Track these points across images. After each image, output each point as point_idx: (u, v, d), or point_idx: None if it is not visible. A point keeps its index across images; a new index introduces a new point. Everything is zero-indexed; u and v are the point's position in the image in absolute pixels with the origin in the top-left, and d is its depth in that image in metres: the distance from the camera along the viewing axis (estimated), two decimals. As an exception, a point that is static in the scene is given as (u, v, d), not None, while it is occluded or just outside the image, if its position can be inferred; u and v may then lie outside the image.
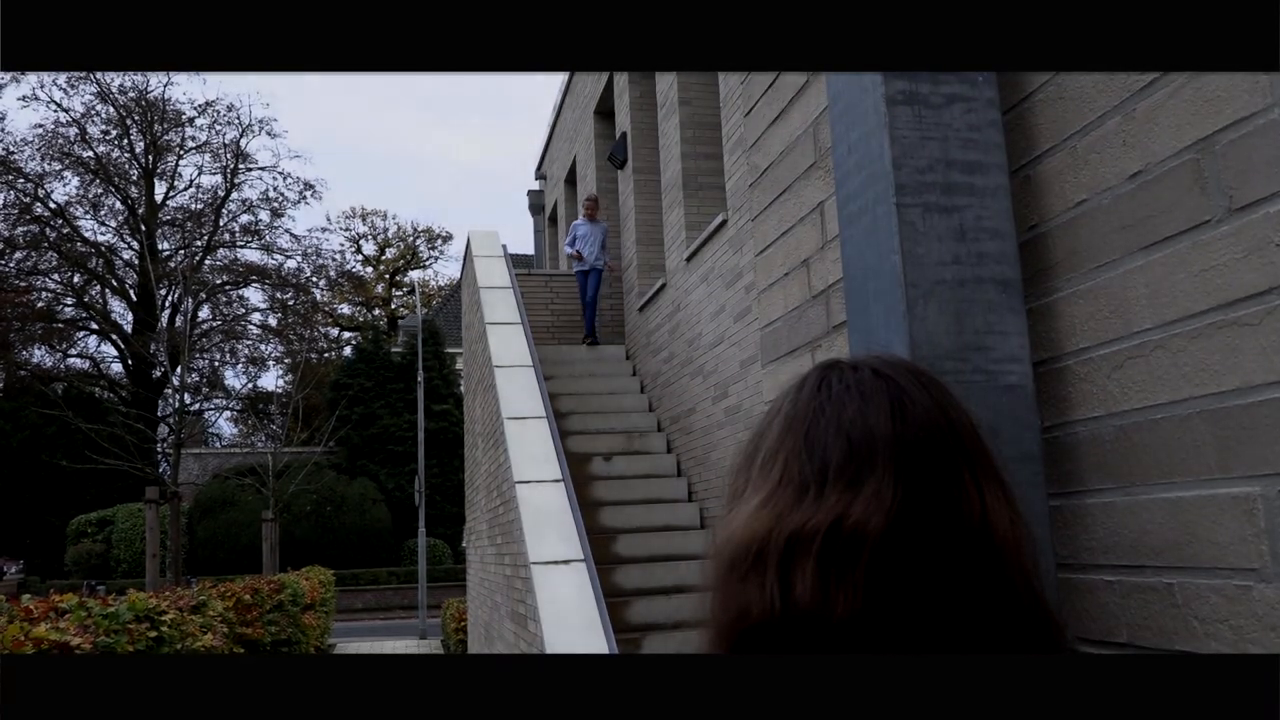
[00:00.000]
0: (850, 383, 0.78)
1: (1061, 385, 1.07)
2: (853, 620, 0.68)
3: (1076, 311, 1.04)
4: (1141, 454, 0.96)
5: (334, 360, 34.52)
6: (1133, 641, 0.97)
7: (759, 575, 0.71)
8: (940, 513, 0.71)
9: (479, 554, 9.34)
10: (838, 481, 0.72)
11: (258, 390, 33.87)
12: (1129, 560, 0.97)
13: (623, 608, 6.80)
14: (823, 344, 1.66)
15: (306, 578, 14.52)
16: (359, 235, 45.58)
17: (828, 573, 0.69)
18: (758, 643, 0.70)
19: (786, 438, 0.77)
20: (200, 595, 7.97)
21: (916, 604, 0.68)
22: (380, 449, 28.91)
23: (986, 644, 0.69)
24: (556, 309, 11.51)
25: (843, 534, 0.69)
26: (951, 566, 0.70)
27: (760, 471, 0.77)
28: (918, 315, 1.03)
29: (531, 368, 7.50)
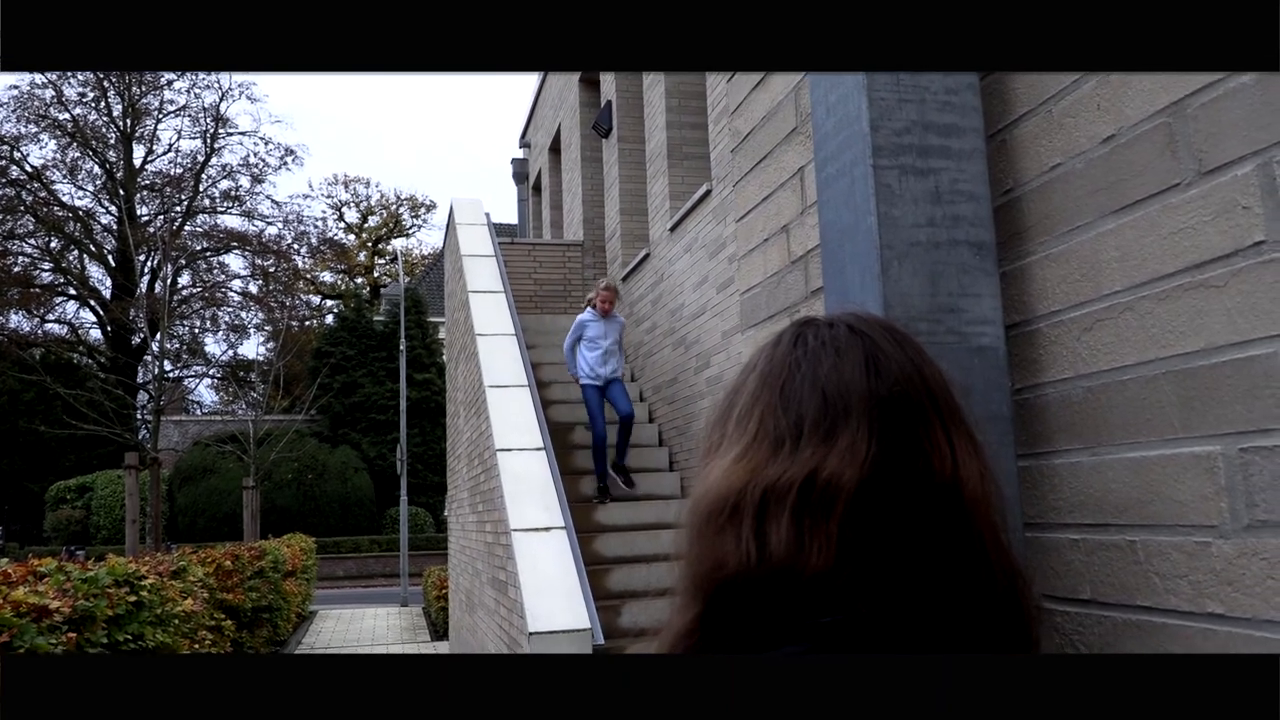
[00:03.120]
0: (826, 338, 0.79)
1: (1032, 348, 1.08)
2: (826, 573, 0.69)
3: (1048, 275, 1.06)
4: (1108, 414, 0.97)
5: (316, 328, 34.31)
6: (1095, 598, 0.99)
7: (735, 528, 0.72)
8: (913, 467, 0.72)
9: (460, 522, 9.37)
10: (812, 435, 0.73)
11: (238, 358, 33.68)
12: (1094, 519, 0.99)
13: (603, 575, 6.84)
14: (801, 309, 1.67)
15: (288, 545, 14.52)
16: (341, 202, 45.22)
17: (802, 525, 0.70)
18: (733, 595, 0.71)
19: (762, 393, 0.78)
20: (180, 561, 7.96)
21: (888, 558, 0.70)
22: (362, 417, 28.86)
23: (955, 599, 0.70)
24: (539, 278, 11.47)
25: (817, 487, 0.70)
26: (923, 521, 0.71)
27: (736, 426, 0.78)
28: (892, 277, 1.03)
29: (514, 336, 7.50)
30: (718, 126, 7.41)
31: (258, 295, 34.25)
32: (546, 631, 4.88)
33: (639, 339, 9.57)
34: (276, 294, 34.54)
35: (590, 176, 11.67)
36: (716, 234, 7.33)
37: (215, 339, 33.27)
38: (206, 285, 33.62)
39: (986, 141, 1.12)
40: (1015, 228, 1.10)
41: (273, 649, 12.36)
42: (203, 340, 33.19)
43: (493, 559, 6.61)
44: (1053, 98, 1.05)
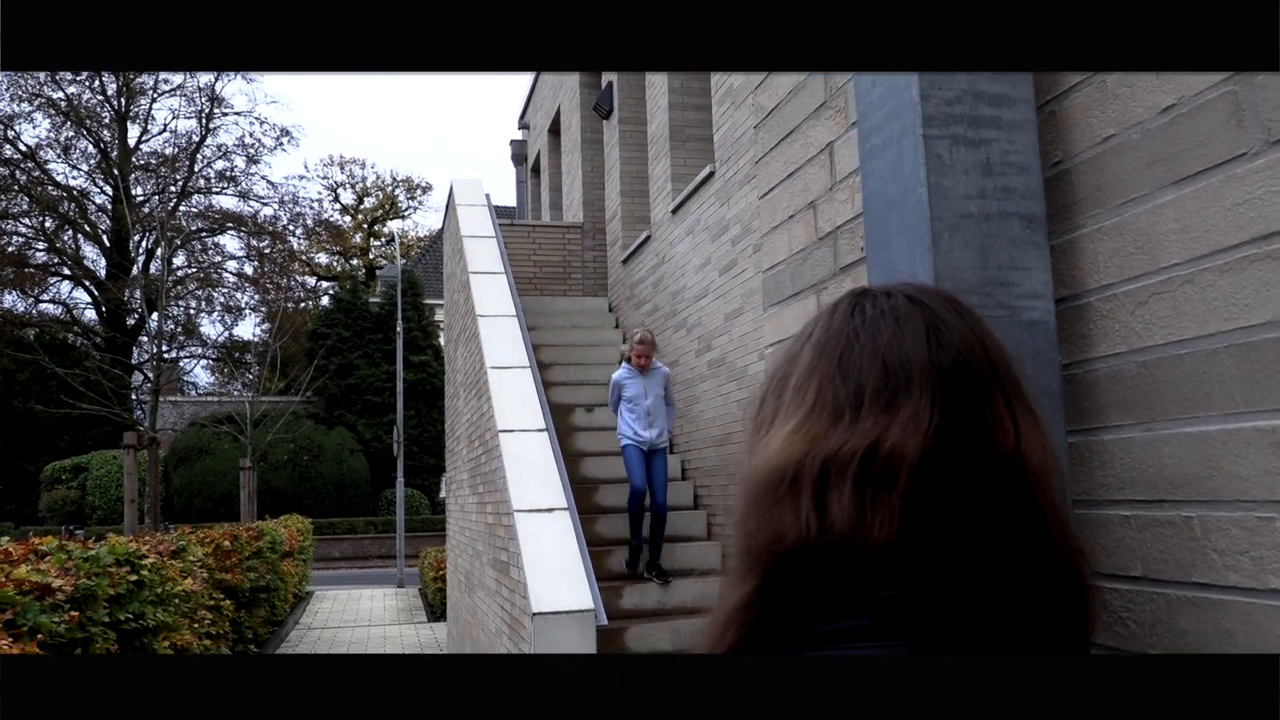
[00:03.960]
0: (884, 308, 0.77)
1: (1081, 322, 1.06)
2: (888, 546, 0.67)
3: (1100, 248, 1.04)
4: (1163, 389, 0.96)
5: (311, 310, 34.20)
6: (1147, 575, 0.98)
7: (794, 500, 0.71)
8: (975, 440, 0.70)
9: (459, 503, 9.36)
10: (874, 405, 0.71)
11: (233, 339, 33.58)
12: (1146, 495, 0.98)
13: (604, 557, 6.85)
14: (829, 286, 1.65)
15: (285, 526, 14.52)
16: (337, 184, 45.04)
17: (864, 497, 0.68)
18: (792, 567, 0.70)
19: (819, 363, 0.76)
20: (180, 541, 7.95)
21: (950, 532, 0.68)
22: (358, 399, 28.82)
23: (1016, 574, 0.69)
24: (539, 260, 11.44)
25: (879, 458, 0.69)
26: (985, 495, 0.69)
27: (793, 397, 0.76)
28: (942, 249, 1.02)
29: (515, 317, 7.47)
30: (721, 108, 7.37)
31: (253, 276, 34.13)
32: (550, 612, 4.88)
33: (639, 321, 9.55)
34: (272, 275, 34.41)
35: (591, 158, 11.61)
36: (719, 216, 7.30)
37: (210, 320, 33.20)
38: (202, 266, 33.49)
39: (1035, 113, 1.10)
40: (1064, 201, 1.08)
41: (270, 629, 12.38)
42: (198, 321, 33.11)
43: (494, 540, 6.61)
44: (1106, 68, 1.03)
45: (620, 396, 6.69)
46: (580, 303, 11.03)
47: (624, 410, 6.68)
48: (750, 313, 6.73)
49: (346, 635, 13.02)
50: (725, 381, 7.22)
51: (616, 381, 6.73)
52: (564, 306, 10.82)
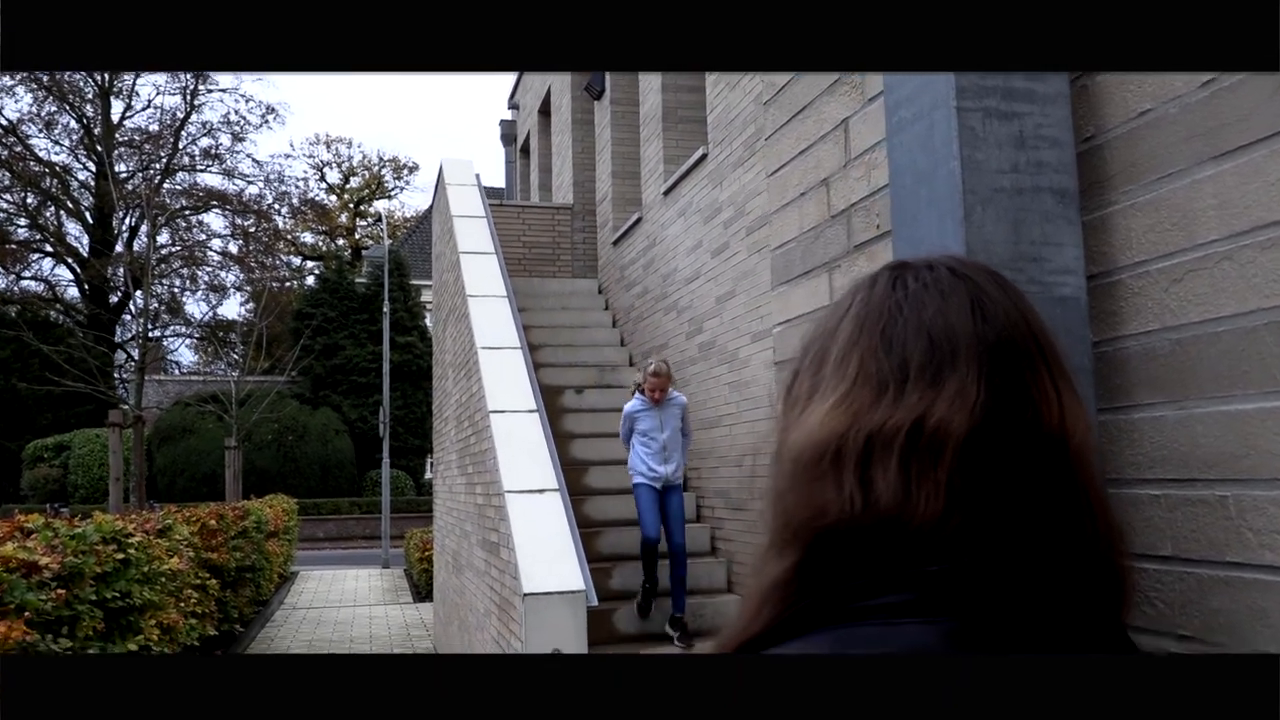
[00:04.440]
0: (928, 281, 0.75)
1: (1112, 300, 1.05)
2: (932, 522, 0.66)
3: (1133, 224, 1.03)
4: (1198, 367, 0.95)
5: (297, 289, 33.98)
6: (1177, 554, 0.97)
7: (836, 475, 0.69)
8: (1021, 416, 0.69)
9: (447, 484, 9.34)
10: (919, 380, 0.70)
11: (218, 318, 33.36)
12: (1178, 474, 0.97)
13: (594, 538, 6.85)
14: (842, 264, 1.64)
15: (270, 505, 14.47)
16: (323, 163, 44.73)
17: (909, 472, 0.67)
18: (833, 543, 0.69)
19: (861, 336, 0.74)
20: (166, 519, 7.91)
21: (995, 509, 0.67)
22: (344, 380, 28.72)
23: (1058, 553, 0.68)
24: (528, 241, 11.39)
25: (925, 433, 0.67)
26: (1029, 472, 0.68)
27: (834, 371, 0.74)
28: (975, 223, 1.00)
29: (506, 298, 7.44)
30: (715, 89, 7.33)
31: (238, 255, 33.88)
32: (541, 593, 4.88)
33: (629, 303, 9.52)
34: (257, 254, 34.16)
35: (581, 139, 11.55)
36: (712, 198, 7.27)
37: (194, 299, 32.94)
38: (186, 244, 33.21)
39: (1069, 86, 1.08)
40: (1096, 176, 1.07)
41: (255, 609, 12.35)
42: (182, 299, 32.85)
43: (483, 521, 6.60)
44: (1142, 41, 1.01)
45: (632, 429, 6.20)
46: (570, 284, 11.00)
47: (637, 444, 6.17)
48: (742, 296, 6.72)
49: (332, 615, 13.00)
50: (716, 364, 7.22)
51: (629, 414, 6.19)
52: (553, 288, 10.78)
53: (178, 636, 7.32)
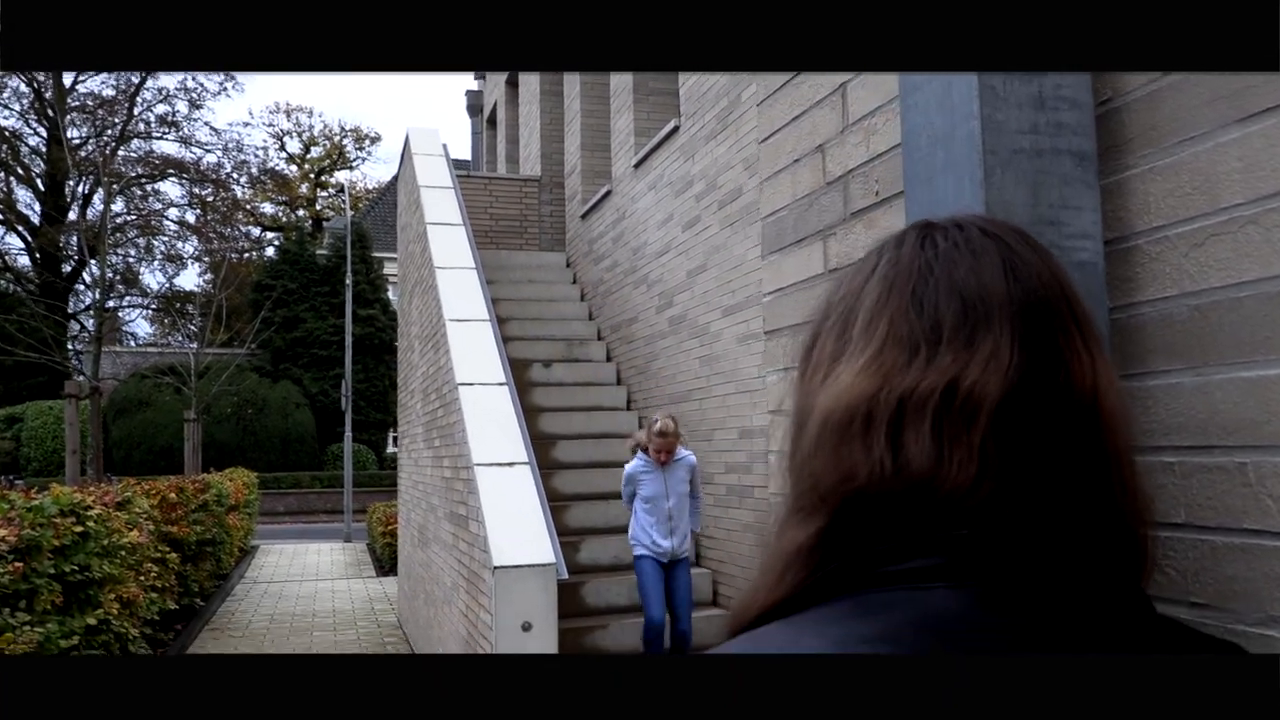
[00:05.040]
0: (958, 240, 0.73)
1: (1127, 265, 1.04)
2: (965, 487, 0.64)
3: (1151, 189, 1.01)
4: (1218, 333, 0.94)
5: (256, 261, 33.43)
6: (1191, 521, 0.97)
7: (866, 438, 0.67)
8: (1055, 379, 0.67)
9: (413, 457, 9.27)
10: (953, 341, 0.67)
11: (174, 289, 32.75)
12: (1194, 441, 0.96)
13: (561, 512, 6.84)
14: (837, 232, 1.62)
15: (231, 479, 14.30)
16: (283, 132, 43.94)
17: (942, 437, 0.65)
18: (861, 508, 0.67)
19: (890, 296, 0.71)
20: (125, 492, 7.77)
21: (1026, 474, 0.65)
22: (304, 353, 28.38)
23: (1089, 520, 0.66)
24: (495, 213, 11.28)
25: (959, 396, 0.65)
26: (1062, 437, 0.66)
27: (862, 333, 0.71)
28: (995, 185, 0.98)
29: (474, 270, 7.35)
30: (688, 61, 7.26)
31: (195, 225, 33.23)
32: (511, 565, 4.86)
33: (598, 277, 9.48)
34: (215, 224, 33.53)
35: (550, 110, 11.43)
36: (684, 171, 7.23)
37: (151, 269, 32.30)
38: (141, 213, 32.49)
39: (1087, 47, 1.06)
40: (1113, 140, 1.05)
41: (216, 583, 12.22)
42: (138, 270, 32.19)
43: (451, 494, 6.55)
44: (1164, 1, 0.99)
45: (637, 490, 5.55)
46: (537, 257, 10.92)
47: (639, 511, 5.54)
48: (713, 270, 6.70)
49: (294, 589, 12.90)
50: (686, 338, 7.20)
51: (631, 476, 5.56)
52: (521, 260, 10.70)
53: (138, 610, 7.21)
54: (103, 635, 6.38)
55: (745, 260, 6.18)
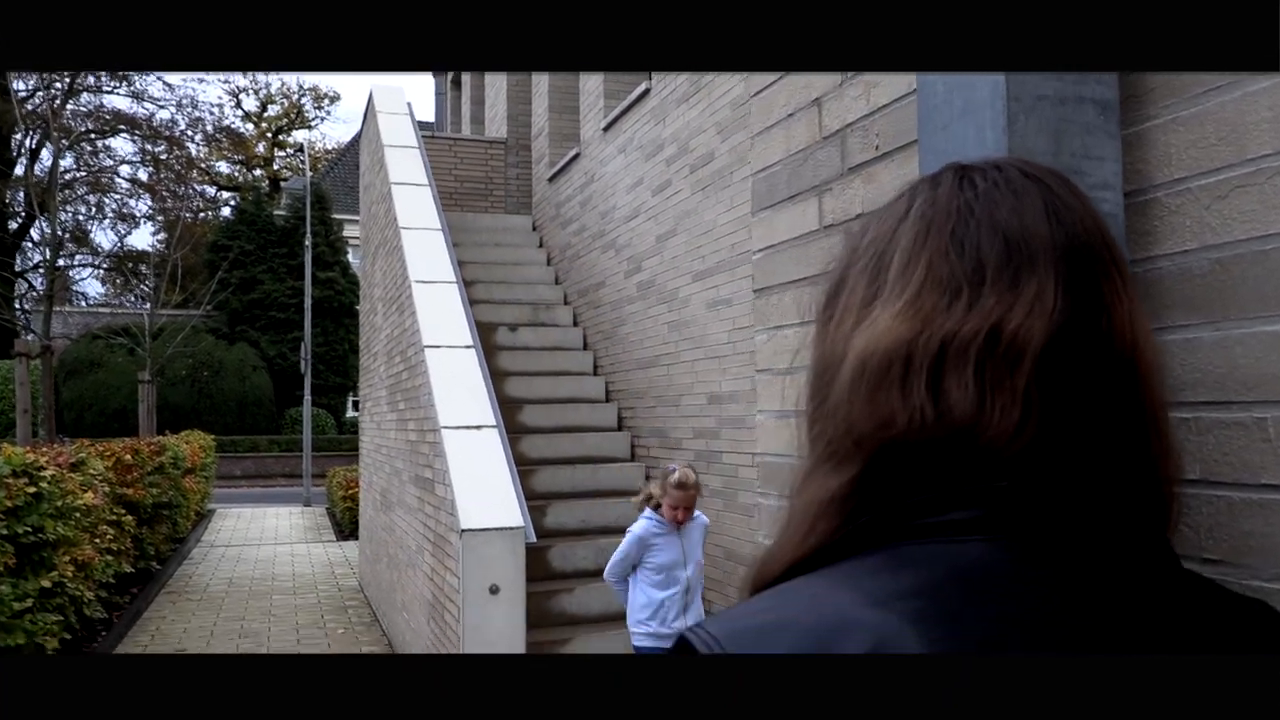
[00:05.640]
0: (998, 180, 0.70)
1: (1145, 219, 1.02)
2: (1007, 436, 0.62)
3: (1173, 140, 0.99)
4: (1240, 287, 0.92)
5: (212, 221, 32.76)
6: (1206, 477, 0.96)
7: (904, 383, 0.64)
8: (1096, 327, 0.65)
9: (375, 420, 9.17)
10: (996, 283, 0.65)
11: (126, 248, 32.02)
12: (1211, 396, 0.95)
13: (527, 476, 6.81)
14: (834, 187, 1.59)
15: (187, 441, 14.08)
16: (239, 89, 42.86)
17: (985, 382, 0.62)
18: (898, 456, 0.64)
19: (929, 238, 0.69)
20: (79, 453, 7.61)
21: (1067, 424, 0.63)
22: (262, 315, 27.93)
23: (1121, 471, 0.65)
24: (460, 175, 11.12)
25: (1003, 340, 0.63)
26: (1104, 386, 0.64)
27: (899, 276, 0.68)
28: (1018, 132, 0.96)
29: (440, 231, 7.25)
30: (659, 22, 7.16)
31: (148, 183, 32.44)
32: (479, 529, 4.83)
33: (565, 241, 9.39)
34: (168, 182, 32.77)
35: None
36: (654, 135, 7.16)
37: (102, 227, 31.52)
38: (92, 170, 31.65)
39: (1109, -6, 1.03)
40: (1133, 90, 1.03)
41: (172, 546, 12.06)
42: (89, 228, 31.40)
43: (416, 457, 6.49)
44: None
45: (640, 562, 4.31)
46: (503, 220, 10.80)
47: (643, 584, 4.30)
48: (683, 235, 6.65)
49: (252, 553, 12.78)
50: (654, 304, 7.17)
51: (640, 539, 4.29)
52: (486, 223, 10.57)
53: (93, 573, 7.09)
54: (57, 598, 6.27)
55: (716, 225, 6.15)
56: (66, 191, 28.84)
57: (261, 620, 8.57)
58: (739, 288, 5.80)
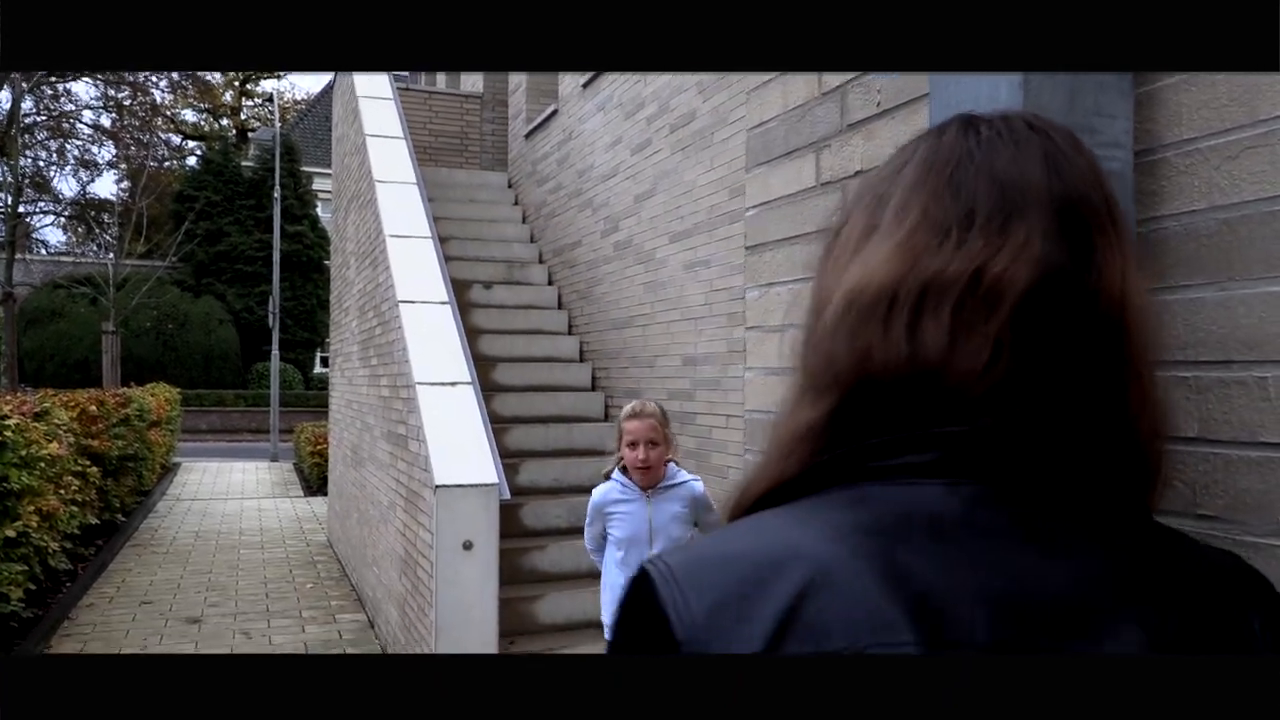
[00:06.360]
0: (1002, 130, 0.71)
1: (1153, 179, 1.03)
2: (972, 378, 0.62)
3: (1184, 100, 0.99)
4: (1247, 247, 0.93)
5: (177, 170, 32.11)
6: (1203, 435, 0.98)
7: (886, 320, 0.65)
8: (1083, 280, 0.65)
9: (346, 376, 9.10)
10: (986, 227, 0.65)
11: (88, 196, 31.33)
12: (1213, 356, 0.96)
13: (501, 434, 6.80)
14: (833, 144, 1.58)
15: (152, 394, 13.91)
16: (205, 35, 41.76)
17: (958, 324, 0.63)
18: (872, 392, 0.65)
19: (928, 179, 0.70)
20: (43, 403, 7.49)
21: (1038, 371, 0.63)
22: (228, 268, 27.56)
23: (1094, 424, 0.65)
24: (435, 129, 10.98)
25: (983, 284, 0.63)
26: (1083, 338, 0.65)
27: (895, 214, 0.69)
28: (1033, 87, 0.96)
29: (415, 185, 7.15)
30: (642, -22, 7.07)
31: (111, 130, 31.68)
32: (454, 485, 4.82)
33: (541, 199, 9.32)
34: (132, 129, 32.03)
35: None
36: (634, 93, 7.09)
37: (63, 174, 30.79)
38: (52, 114, 30.84)
39: (1126, -49, 1.03)
40: (1145, 49, 1.03)
41: (138, 499, 11.96)
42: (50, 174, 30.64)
43: (390, 413, 6.46)
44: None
45: (603, 532, 3.53)
46: (479, 176, 10.68)
47: (608, 562, 3.53)
48: (662, 195, 6.62)
49: (219, 507, 12.70)
50: (631, 264, 7.15)
51: (595, 506, 3.51)
52: (461, 179, 10.45)
53: (58, 524, 7.02)
54: (22, 548, 6.20)
55: (695, 186, 6.12)
56: (26, 136, 28.11)
57: (229, 573, 8.54)
58: (717, 250, 5.79)
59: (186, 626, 6.83)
